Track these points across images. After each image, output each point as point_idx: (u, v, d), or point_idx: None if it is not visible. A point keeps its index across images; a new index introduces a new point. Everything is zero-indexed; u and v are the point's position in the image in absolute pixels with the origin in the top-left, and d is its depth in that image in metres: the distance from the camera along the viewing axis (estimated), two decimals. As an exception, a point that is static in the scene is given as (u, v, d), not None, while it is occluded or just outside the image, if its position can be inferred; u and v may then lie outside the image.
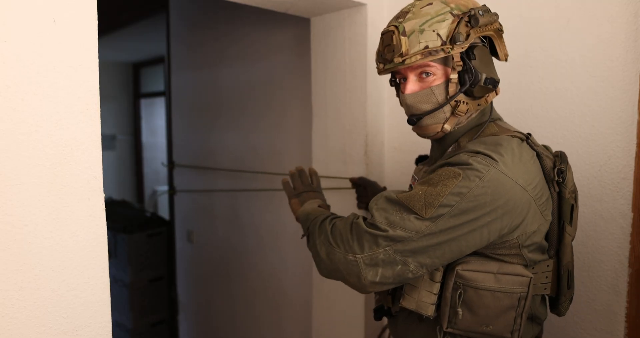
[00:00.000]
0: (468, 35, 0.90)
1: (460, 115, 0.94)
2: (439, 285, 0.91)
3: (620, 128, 1.19)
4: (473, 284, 0.88)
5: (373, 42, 1.67)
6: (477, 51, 0.92)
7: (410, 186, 1.09)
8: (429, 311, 0.91)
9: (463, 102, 0.93)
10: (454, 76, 0.91)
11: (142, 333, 3.22)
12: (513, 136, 0.90)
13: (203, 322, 3.05)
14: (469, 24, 0.90)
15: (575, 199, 0.95)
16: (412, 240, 0.84)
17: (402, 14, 0.94)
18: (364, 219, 0.90)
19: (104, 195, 0.98)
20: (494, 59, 1.00)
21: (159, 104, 5.25)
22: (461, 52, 0.91)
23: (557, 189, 0.91)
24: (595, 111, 1.23)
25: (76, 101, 0.93)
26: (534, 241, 0.89)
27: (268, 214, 2.42)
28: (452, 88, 0.92)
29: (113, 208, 3.46)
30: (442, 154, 1.01)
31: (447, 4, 0.92)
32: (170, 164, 3.20)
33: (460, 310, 0.89)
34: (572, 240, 0.96)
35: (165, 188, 4.38)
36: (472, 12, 0.90)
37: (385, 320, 1.71)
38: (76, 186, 0.94)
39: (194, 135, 3.00)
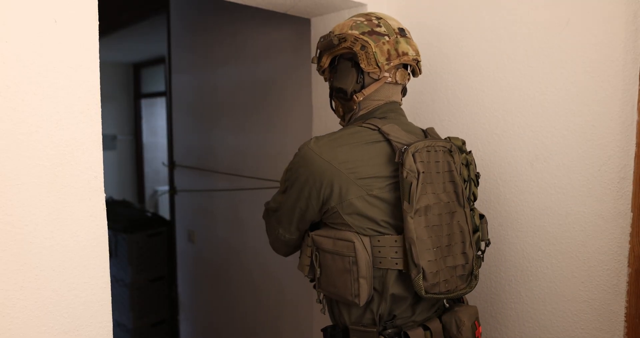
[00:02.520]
0: (321, 56, 1.14)
1: (337, 113, 1.18)
2: (310, 249, 1.08)
3: (619, 127, 1.19)
4: (320, 246, 1.05)
5: (373, 42, 1.67)
6: (339, 66, 1.12)
7: None
8: (305, 271, 1.09)
9: (335, 103, 1.18)
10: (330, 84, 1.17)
11: (142, 333, 3.23)
12: (361, 126, 1.06)
13: (203, 322, 3.05)
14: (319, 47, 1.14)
15: (418, 178, 0.99)
16: (279, 210, 1.09)
17: None
18: None
19: (104, 195, 0.98)
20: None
21: (160, 105, 5.25)
22: (330, 67, 1.14)
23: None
24: (595, 111, 1.23)
25: (76, 101, 0.93)
26: (355, 210, 1.00)
27: (268, 214, 2.42)
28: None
29: (114, 208, 3.46)
30: None
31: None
32: (171, 165, 3.21)
33: (318, 270, 1.06)
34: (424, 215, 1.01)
35: (165, 188, 4.38)
36: (321, 39, 1.12)
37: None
38: (77, 186, 0.94)
39: (195, 135, 3.00)
